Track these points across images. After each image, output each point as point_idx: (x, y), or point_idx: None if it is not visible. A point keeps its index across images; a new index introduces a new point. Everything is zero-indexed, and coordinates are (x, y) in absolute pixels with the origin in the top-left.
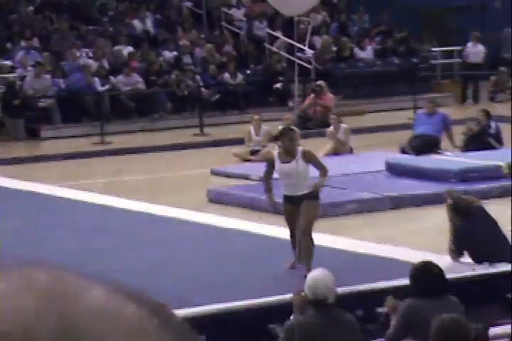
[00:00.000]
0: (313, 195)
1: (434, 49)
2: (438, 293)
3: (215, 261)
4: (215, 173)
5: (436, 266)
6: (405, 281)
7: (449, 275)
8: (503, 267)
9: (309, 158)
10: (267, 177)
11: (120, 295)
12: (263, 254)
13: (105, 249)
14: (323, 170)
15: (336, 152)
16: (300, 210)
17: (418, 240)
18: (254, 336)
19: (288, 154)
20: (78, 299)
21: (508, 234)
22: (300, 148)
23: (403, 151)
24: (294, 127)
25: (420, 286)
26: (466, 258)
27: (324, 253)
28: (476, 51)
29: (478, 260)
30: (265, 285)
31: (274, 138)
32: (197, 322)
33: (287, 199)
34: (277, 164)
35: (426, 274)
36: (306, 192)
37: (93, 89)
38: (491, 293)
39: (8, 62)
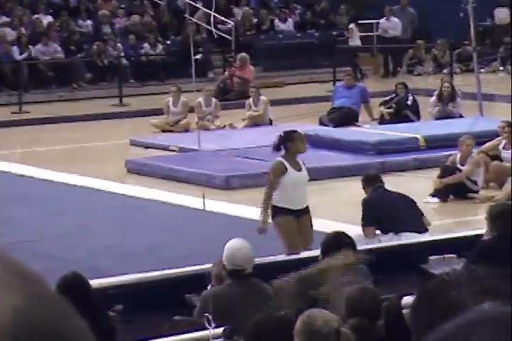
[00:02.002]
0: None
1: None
2: None
3: (133, 231)
4: (134, 144)
5: (348, 236)
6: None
7: (362, 246)
8: (410, 238)
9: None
10: (270, 194)
11: None
12: (180, 225)
13: (22, 219)
14: None
15: (255, 123)
16: (303, 224)
17: (334, 211)
18: (171, 306)
19: (296, 161)
20: None
21: (421, 206)
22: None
23: (322, 123)
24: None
25: (331, 256)
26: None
27: (241, 224)
28: (391, 25)
29: (385, 230)
30: (183, 256)
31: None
32: (114, 292)
33: (292, 213)
34: (290, 173)
35: (337, 244)
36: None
37: (11, 57)
38: (404, 263)
39: None
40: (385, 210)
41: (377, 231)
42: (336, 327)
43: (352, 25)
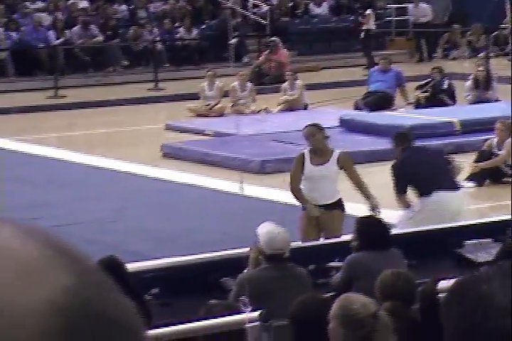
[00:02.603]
0: (341, 205)
1: (389, 5)
2: (381, 247)
3: (168, 215)
4: (169, 128)
5: (380, 220)
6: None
7: (396, 231)
8: (442, 197)
9: (345, 165)
10: (293, 185)
11: (19, 232)
12: (216, 209)
13: (59, 203)
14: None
15: (290, 108)
16: (325, 220)
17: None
18: (207, 290)
19: (321, 155)
20: None
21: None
22: (337, 151)
23: (357, 107)
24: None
25: (363, 240)
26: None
27: (278, 208)
28: (420, 11)
29: (419, 194)
30: (218, 240)
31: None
32: (150, 276)
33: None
34: (307, 166)
35: (369, 228)
36: (336, 199)
37: (47, 42)
38: (440, 248)
39: None
40: (415, 172)
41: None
42: (374, 311)
43: (369, 11)
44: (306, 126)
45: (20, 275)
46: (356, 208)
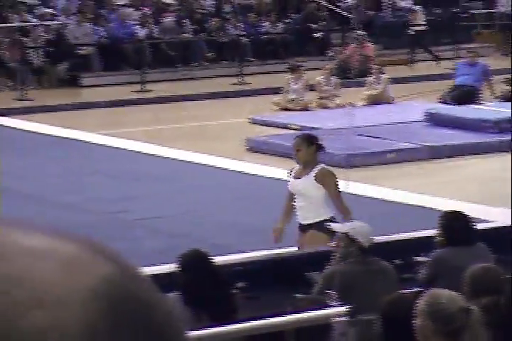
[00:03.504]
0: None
1: None
2: (466, 241)
3: (254, 208)
4: (254, 122)
5: (465, 215)
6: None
7: (483, 225)
8: None
9: (323, 181)
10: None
11: (56, 236)
12: None
13: (146, 197)
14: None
15: (375, 101)
16: (301, 242)
17: (455, 189)
18: (292, 284)
19: (303, 168)
20: (14, 241)
21: None
22: (320, 166)
23: (443, 101)
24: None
25: (448, 235)
26: None
27: (363, 202)
28: (503, 2)
29: None
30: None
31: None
32: (236, 270)
33: (299, 226)
34: (289, 180)
35: (454, 223)
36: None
37: (134, 36)
38: None
39: (49, 10)
40: None
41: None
42: (463, 306)
43: (417, 7)
44: (296, 138)
45: (65, 269)
46: (440, 203)
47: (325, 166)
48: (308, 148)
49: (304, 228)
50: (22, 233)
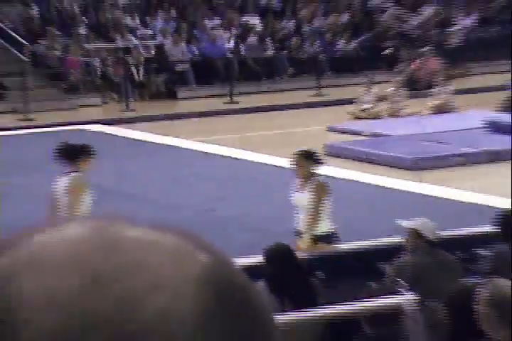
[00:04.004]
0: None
1: None
2: None
3: (331, 208)
4: (331, 130)
5: None
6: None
7: None
8: None
9: (317, 192)
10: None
11: (159, 229)
12: (374, 203)
13: (234, 197)
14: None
15: (439, 111)
16: None
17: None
18: (366, 274)
19: (305, 182)
20: (122, 232)
21: None
22: (317, 179)
23: (501, 110)
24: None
25: (505, 231)
26: None
27: (428, 203)
28: None
29: None
30: (377, 228)
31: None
32: (316, 262)
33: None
34: (293, 192)
35: (508, 220)
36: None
37: (223, 54)
38: None
39: (148, 31)
40: None
41: None
42: None
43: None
44: (295, 153)
45: (172, 258)
46: (501, 201)
47: (321, 179)
48: (307, 163)
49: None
50: (130, 228)
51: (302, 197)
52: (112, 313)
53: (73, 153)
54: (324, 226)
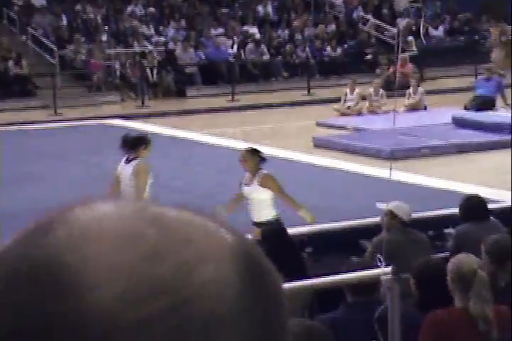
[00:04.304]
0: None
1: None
2: (481, 218)
3: (319, 192)
4: (319, 125)
5: (479, 197)
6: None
7: (496, 205)
8: None
9: (267, 185)
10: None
11: (188, 211)
12: (356, 188)
13: (233, 181)
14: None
15: (413, 108)
16: None
17: (476, 177)
18: (349, 250)
19: (252, 176)
20: (167, 216)
21: None
22: (262, 172)
23: (466, 108)
24: (255, 148)
25: (466, 213)
26: None
27: (404, 187)
28: None
29: None
30: (358, 211)
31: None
32: (305, 239)
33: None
34: (242, 186)
35: (469, 203)
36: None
37: (226, 58)
38: None
39: (161, 38)
40: None
41: None
42: (473, 268)
43: (410, 38)
44: (242, 150)
45: (208, 234)
46: (464, 187)
47: (265, 172)
48: (253, 159)
49: (254, 225)
50: (165, 208)
51: (250, 190)
52: (171, 280)
53: (135, 143)
54: (269, 214)
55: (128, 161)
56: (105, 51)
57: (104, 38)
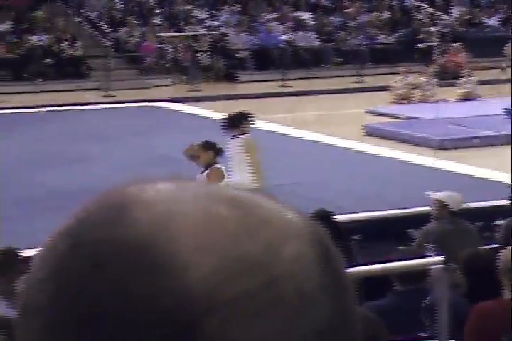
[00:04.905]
0: None
1: None
2: None
3: (368, 180)
4: (369, 112)
5: None
6: None
7: None
8: None
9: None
10: None
11: (279, 203)
12: (405, 177)
13: (283, 166)
14: None
15: (465, 98)
16: None
17: None
18: (397, 238)
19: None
20: (258, 206)
21: None
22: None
23: None
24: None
25: None
26: None
27: (452, 177)
28: None
29: None
30: (407, 199)
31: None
32: (353, 226)
33: None
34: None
35: None
36: None
37: (277, 44)
38: None
39: (213, 23)
40: None
41: None
42: None
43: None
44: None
45: (277, 217)
46: None
47: (217, 166)
48: (207, 153)
49: None
50: (235, 191)
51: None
52: (261, 258)
53: (238, 119)
54: None
55: (233, 138)
56: (158, 34)
57: (158, 21)
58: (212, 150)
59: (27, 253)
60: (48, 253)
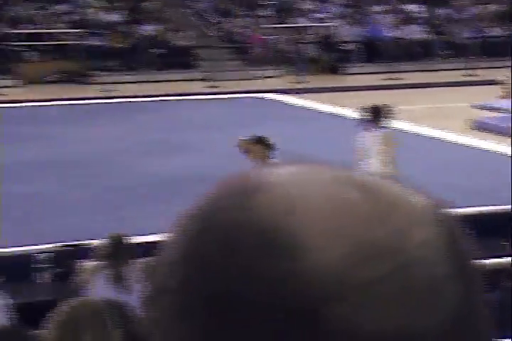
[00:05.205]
0: None
1: None
2: None
3: (475, 175)
4: (476, 107)
5: None
6: None
7: None
8: None
9: None
10: None
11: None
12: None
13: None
14: None
15: None
16: None
17: None
18: (498, 233)
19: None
20: (386, 189)
21: None
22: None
23: None
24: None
25: None
26: None
27: None
28: None
29: None
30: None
31: None
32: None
33: None
34: None
35: None
36: None
37: (386, 36)
38: None
39: (320, 15)
40: None
41: None
42: None
43: None
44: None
45: (404, 201)
46: None
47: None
48: (256, 147)
49: None
50: (361, 174)
51: None
52: (391, 243)
53: (379, 113)
54: None
55: (370, 131)
56: (265, 26)
57: (266, 12)
58: (261, 145)
59: (139, 239)
60: (178, 237)
